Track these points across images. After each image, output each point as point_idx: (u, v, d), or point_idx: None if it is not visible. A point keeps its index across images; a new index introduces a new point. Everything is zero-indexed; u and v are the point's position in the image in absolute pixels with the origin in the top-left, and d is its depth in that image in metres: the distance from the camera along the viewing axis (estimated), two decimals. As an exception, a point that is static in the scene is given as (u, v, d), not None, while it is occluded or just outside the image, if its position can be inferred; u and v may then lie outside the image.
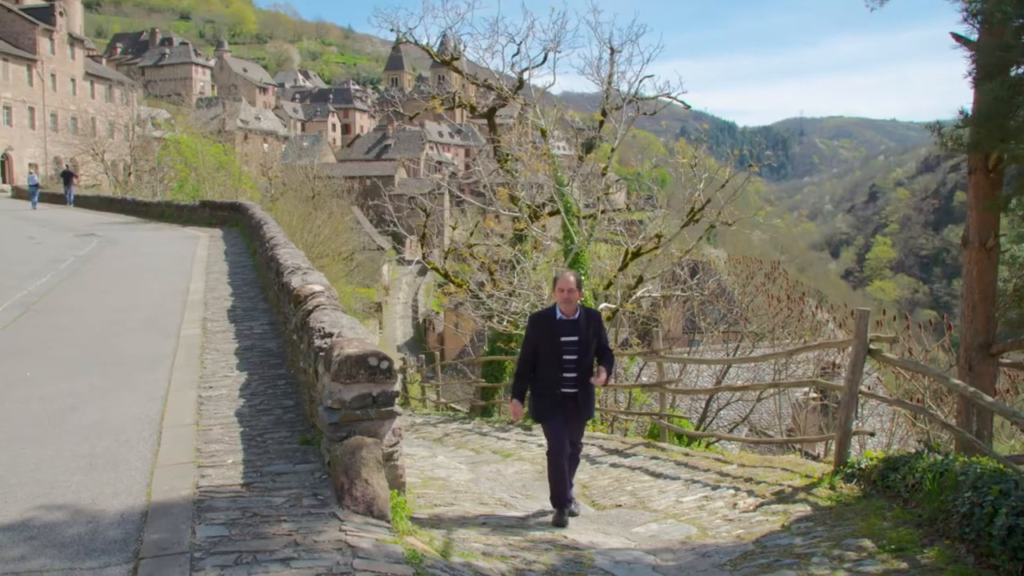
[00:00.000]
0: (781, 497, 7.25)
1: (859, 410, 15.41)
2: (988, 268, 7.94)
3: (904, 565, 5.38)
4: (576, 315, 6.80)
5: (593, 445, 11.41)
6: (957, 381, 6.74)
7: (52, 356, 8.73)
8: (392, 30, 23.15)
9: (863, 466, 7.31)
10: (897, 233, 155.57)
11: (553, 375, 6.78)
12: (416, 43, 23.43)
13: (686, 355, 16.94)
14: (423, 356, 23.81)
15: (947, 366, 12.62)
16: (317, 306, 7.08)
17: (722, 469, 8.74)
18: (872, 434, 7.84)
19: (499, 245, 19.33)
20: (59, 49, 66.18)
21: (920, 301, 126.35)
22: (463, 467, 10.50)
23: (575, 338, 6.74)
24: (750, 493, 7.53)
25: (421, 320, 75.39)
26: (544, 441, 12.81)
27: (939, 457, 6.73)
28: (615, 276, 18.29)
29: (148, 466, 5.58)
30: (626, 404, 16.27)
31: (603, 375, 6.83)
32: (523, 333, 18.66)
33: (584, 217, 19.32)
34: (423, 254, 24.99)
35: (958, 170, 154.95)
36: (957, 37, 8.42)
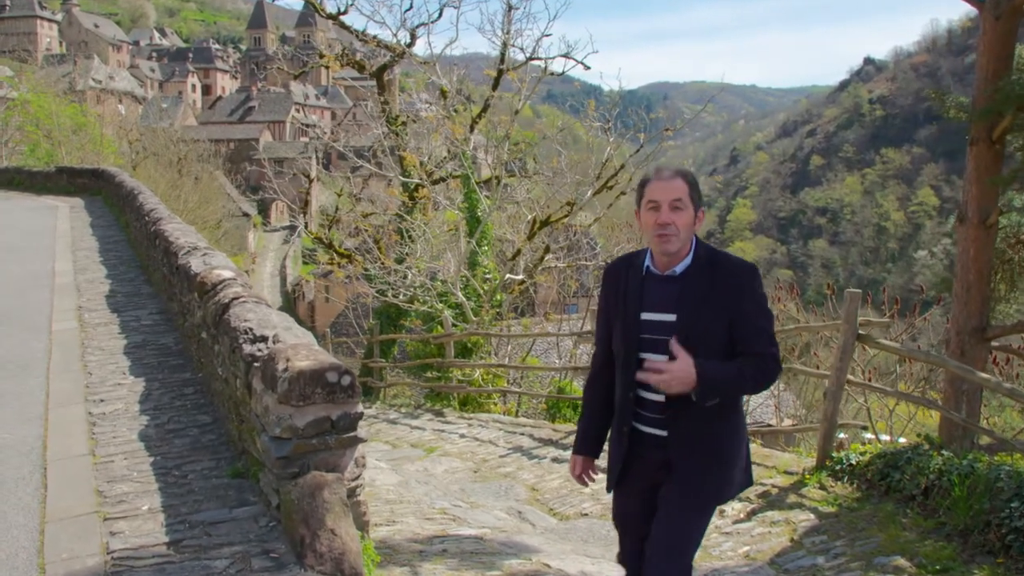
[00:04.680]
0: (771, 501, 6.49)
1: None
2: (986, 247, 7.37)
3: (960, 591, 4.68)
4: (682, 268, 3.25)
5: (522, 435, 10.48)
6: (987, 376, 6.10)
7: None
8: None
9: (854, 462, 6.64)
10: (757, 195, 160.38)
11: (623, 392, 3.39)
12: (298, -5, 21.75)
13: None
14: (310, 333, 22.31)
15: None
16: (235, 299, 5.81)
17: (684, 464, 7.95)
18: (865, 427, 7.19)
19: (398, 214, 18.09)
20: None
21: (778, 261, 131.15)
22: (384, 466, 9.42)
23: (670, 317, 3.21)
24: (734, 496, 6.74)
25: (290, 289, 72.90)
26: (468, 431, 11.92)
27: (947, 454, 6.10)
28: (523, 245, 17.40)
29: (35, 522, 4.29)
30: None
31: (679, 370, 3.05)
32: (427, 310, 17.74)
33: (481, 182, 18.32)
34: (305, 223, 23.56)
35: (814, 135, 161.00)
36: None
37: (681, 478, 3.27)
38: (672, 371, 3.05)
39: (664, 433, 3.29)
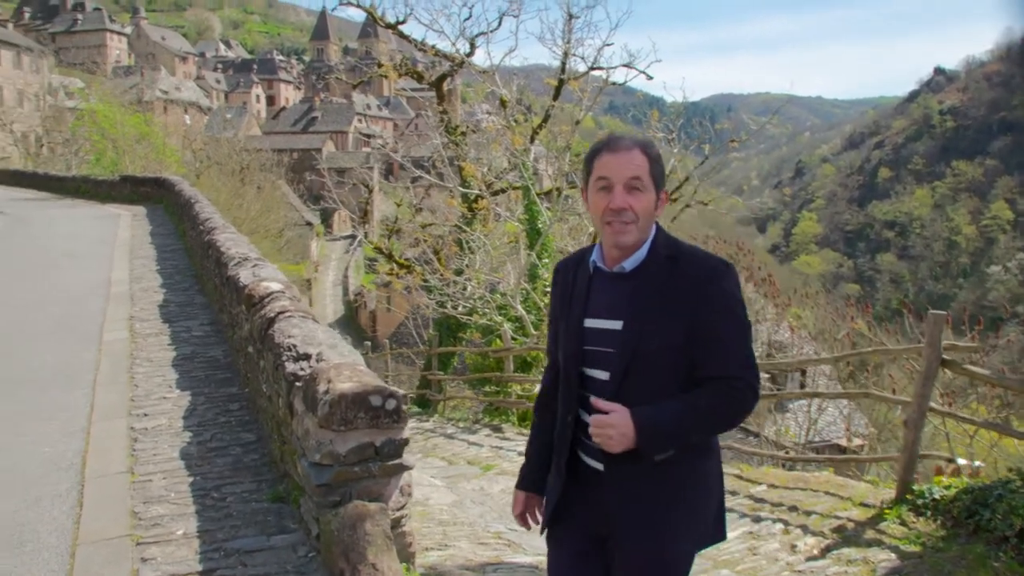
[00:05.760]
0: (847, 536, 6.04)
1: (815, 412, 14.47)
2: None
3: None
4: (633, 264, 2.59)
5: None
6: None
7: (-59, 372, 7.05)
8: (332, -10, 21.44)
9: (937, 496, 6.16)
10: (823, 208, 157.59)
11: (563, 415, 2.73)
12: (358, 5, 21.75)
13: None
14: (368, 343, 22.28)
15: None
16: (280, 313, 5.59)
17: (751, 491, 7.53)
18: (951, 460, 6.70)
19: (458, 225, 17.89)
20: (-39, 12, 62.00)
21: (844, 275, 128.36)
22: (439, 483, 9.16)
23: (616, 324, 2.57)
24: (805, 529, 6.31)
25: (352, 297, 73.41)
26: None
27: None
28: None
29: (67, 543, 4.09)
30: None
31: (617, 422, 2.42)
32: (486, 323, 17.44)
33: (541, 193, 18.06)
34: (364, 232, 23.54)
35: (882, 147, 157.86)
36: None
37: (623, 542, 2.56)
38: (604, 426, 2.43)
39: (601, 465, 2.58)
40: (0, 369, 7.10)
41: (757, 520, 6.72)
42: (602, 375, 2.57)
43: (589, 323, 2.62)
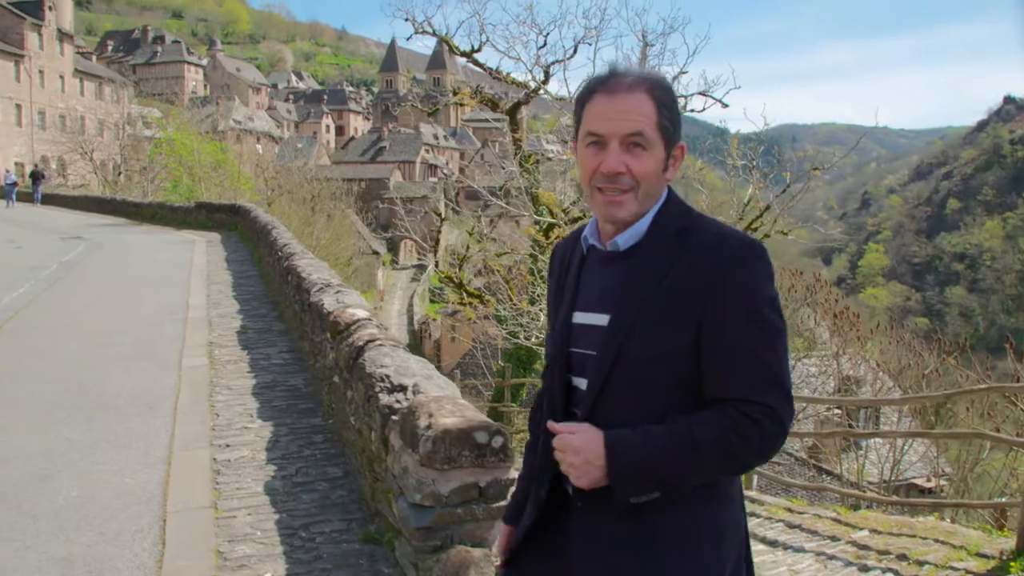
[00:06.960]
0: (969, 592, 5.57)
1: (898, 452, 13.77)
2: None
3: None
4: (628, 241, 1.91)
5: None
6: None
7: (19, 396, 6.87)
8: (407, 19, 21.55)
9: (1068, 549, 5.66)
10: (890, 240, 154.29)
11: (546, 436, 1.98)
12: (434, 33, 21.84)
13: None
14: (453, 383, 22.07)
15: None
16: (370, 341, 5.35)
17: (853, 536, 7.06)
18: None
19: (532, 254, 17.65)
20: (48, 45, 64.17)
21: (912, 309, 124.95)
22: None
23: (603, 319, 1.88)
24: (920, 583, 5.84)
25: (417, 327, 73.60)
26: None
27: None
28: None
29: (150, 585, 3.86)
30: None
31: (582, 446, 1.78)
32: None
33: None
34: (436, 262, 23.48)
35: (950, 178, 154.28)
36: None
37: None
38: (566, 450, 1.81)
39: (582, 495, 1.91)
40: (78, 395, 6.96)
41: (864, 569, 6.26)
42: (584, 384, 1.93)
43: (579, 318, 1.98)
